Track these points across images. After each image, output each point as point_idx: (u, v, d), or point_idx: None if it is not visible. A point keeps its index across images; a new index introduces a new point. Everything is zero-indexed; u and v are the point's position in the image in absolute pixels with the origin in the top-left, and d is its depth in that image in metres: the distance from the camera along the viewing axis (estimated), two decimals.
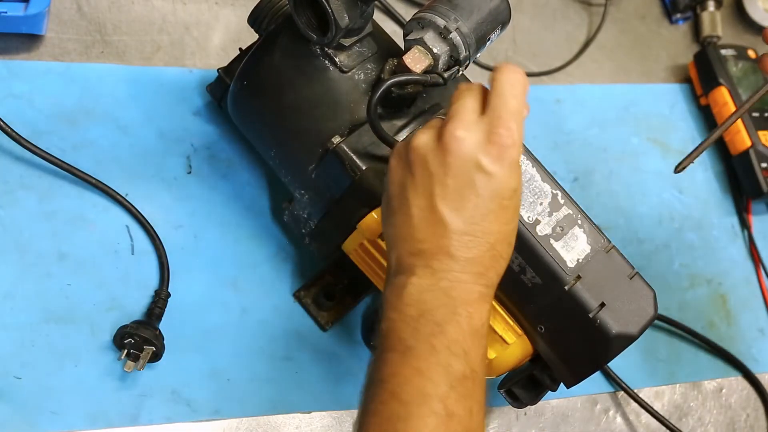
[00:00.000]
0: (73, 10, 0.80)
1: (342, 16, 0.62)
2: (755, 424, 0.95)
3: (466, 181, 0.53)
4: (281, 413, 0.74)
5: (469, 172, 0.53)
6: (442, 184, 0.53)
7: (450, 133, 0.53)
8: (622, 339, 0.62)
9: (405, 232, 0.55)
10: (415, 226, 0.54)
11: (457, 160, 0.53)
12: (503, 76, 0.55)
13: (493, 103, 0.54)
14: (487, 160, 0.53)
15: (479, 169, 0.53)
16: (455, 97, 0.56)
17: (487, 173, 0.53)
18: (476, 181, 0.53)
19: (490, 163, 0.53)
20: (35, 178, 0.73)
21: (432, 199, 0.54)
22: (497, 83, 0.55)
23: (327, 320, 0.78)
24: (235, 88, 0.71)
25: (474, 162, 0.53)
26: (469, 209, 0.53)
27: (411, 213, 0.55)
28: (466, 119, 0.54)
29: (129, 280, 0.73)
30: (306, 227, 0.73)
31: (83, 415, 0.68)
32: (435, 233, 0.54)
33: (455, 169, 0.53)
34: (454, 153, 0.53)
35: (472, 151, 0.53)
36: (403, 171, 0.56)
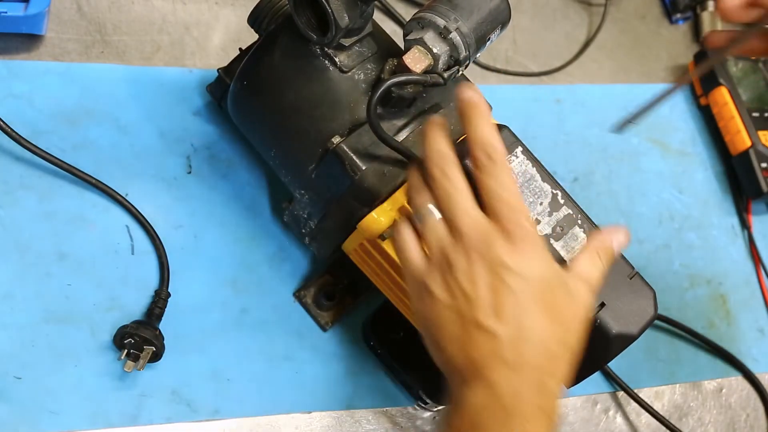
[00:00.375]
0: (73, 10, 0.80)
1: (342, 16, 0.62)
2: (755, 424, 0.95)
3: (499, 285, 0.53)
4: (281, 413, 0.74)
5: (499, 277, 0.53)
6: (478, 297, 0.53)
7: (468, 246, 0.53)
8: (622, 339, 0.62)
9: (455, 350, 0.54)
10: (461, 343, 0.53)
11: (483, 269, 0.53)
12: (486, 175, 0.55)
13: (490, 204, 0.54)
14: (513, 260, 0.53)
15: (507, 270, 0.53)
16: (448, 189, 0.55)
17: (515, 271, 0.53)
18: (509, 283, 0.53)
19: (515, 262, 0.53)
20: (35, 178, 0.73)
21: (473, 314, 0.53)
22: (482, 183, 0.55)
23: (327, 320, 0.78)
24: (235, 88, 0.71)
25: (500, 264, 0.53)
26: (509, 311, 0.52)
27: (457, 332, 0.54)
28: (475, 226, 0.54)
29: (129, 280, 0.73)
30: (306, 227, 0.73)
31: (83, 415, 0.68)
32: (485, 345, 0.53)
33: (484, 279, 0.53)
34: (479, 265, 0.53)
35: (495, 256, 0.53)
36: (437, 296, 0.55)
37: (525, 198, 0.62)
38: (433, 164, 0.56)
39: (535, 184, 0.62)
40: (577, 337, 0.55)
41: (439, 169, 0.55)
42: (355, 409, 0.76)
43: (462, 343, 0.53)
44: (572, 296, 0.55)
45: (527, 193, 0.62)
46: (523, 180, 0.62)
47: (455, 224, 0.54)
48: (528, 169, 0.63)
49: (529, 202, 0.62)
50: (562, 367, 0.54)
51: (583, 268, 0.57)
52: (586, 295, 0.56)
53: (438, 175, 0.55)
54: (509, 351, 0.52)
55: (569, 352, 0.55)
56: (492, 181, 0.54)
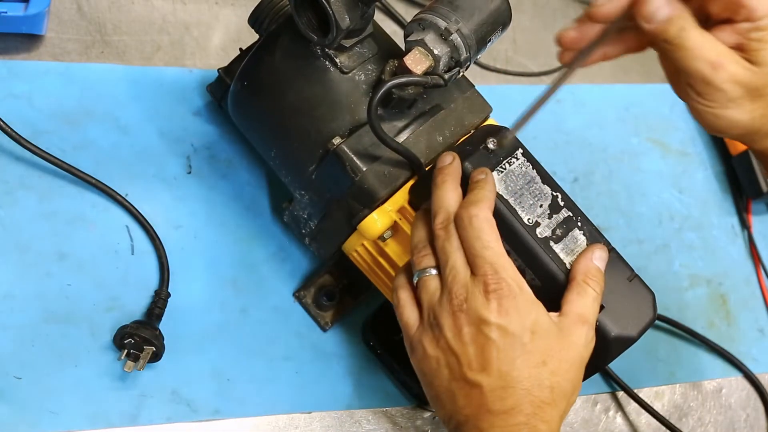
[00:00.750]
0: (73, 10, 0.80)
1: (343, 17, 0.61)
2: (755, 424, 0.95)
3: (483, 339, 0.56)
4: (281, 413, 0.74)
5: (482, 332, 0.56)
6: (465, 354, 0.57)
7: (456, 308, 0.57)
8: (621, 341, 0.62)
9: (447, 404, 0.58)
10: (453, 397, 0.58)
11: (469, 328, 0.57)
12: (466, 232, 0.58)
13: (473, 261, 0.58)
14: (492, 315, 0.56)
15: (489, 325, 0.56)
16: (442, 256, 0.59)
17: (496, 325, 0.56)
18: (491, 336, 0.56)
19: (495, 317, 0.56)
20: (35, 178, 0.73)
21: (461, 369, 0.57)
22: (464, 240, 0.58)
23: (327, 320, 0.78)
24: (236, 89, 0.71)
25: (482, 321, 0.56)
26: (494, 363, 0.56)
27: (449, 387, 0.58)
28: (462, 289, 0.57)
29: (129, 280, 0.73)
30: (306, 227, 0.73)
31: (83, 415, 0.68)
32: (473, 397, 0.56)
33: (470, 336, 0.57)
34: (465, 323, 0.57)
35: (477, 313, 0.56)
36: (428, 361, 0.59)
37: (525, 200, 0.62)
38: (439, 221, 0.60)
39: (535, 186, 0.63)
40: (569, 378, 0.58)
41: (445, 228, 0.59)
42: (355, 409, 0.76)
43: (453, 396, 0.57)
44: (564, 339, 0.58)
45: (527, 195, 0.62)
46: (523, 182, 0.62)
47: (446, 281, 0.58)
48: (528, 171, 0.63)
49: (530, 204, 0.62)
50: (553, 412, 0.56)
51: (573, 305, 0.59)
52: (581, 334, 0.58)
53: (440, 234, 0.59)
54: (494, 401, 0.55)
55: (561, 395, 0.57)
56: (473, 239, 0.58)
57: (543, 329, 0.57)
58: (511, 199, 0.61)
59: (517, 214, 0.61)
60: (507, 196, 0.61)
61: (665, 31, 0.55)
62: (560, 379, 0.57)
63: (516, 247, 0.61)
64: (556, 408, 0.56)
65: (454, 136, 0.68)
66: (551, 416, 0.56)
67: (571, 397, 0.58)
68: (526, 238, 0.61)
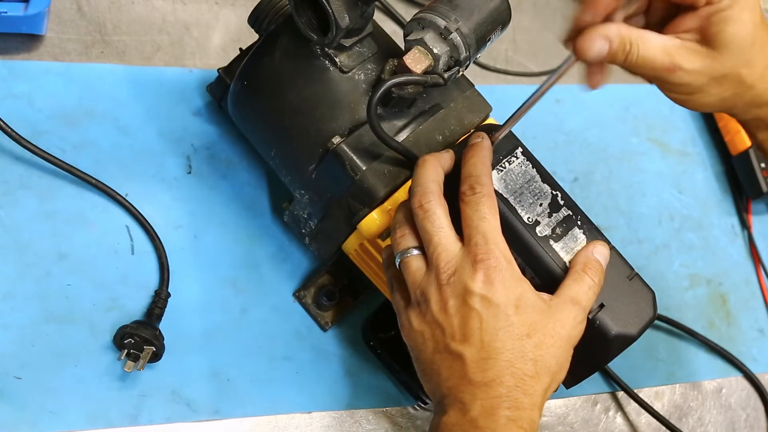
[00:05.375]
0: (73, 10, 0.80)
1: (342, 17, 0.62)
2: (755, 424, 0.95)
3: (467, 310, 0.56)
4: (281, 413, 0.74)
5: (466, 302, 0.56)
6: (449, 325, 0.56)
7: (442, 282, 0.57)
8: (621, 340, 0.62)
9: (432, 377, 0.58)
10: (437, 369, 0.57)
11: (454, 299, 0.56)
12: (466, 205, 0.58)
13: (466, 233, 0.57)
14: (478, 285, 0.56)
15: (473, 296, 0.56)
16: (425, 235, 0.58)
17: (481, 296, 0.56)
18: (475, 306, 0.56)
19: (481, 287, 0.56)
20: (35, 178, 0.73)
21: (445, 341, 0.57)
22: (462, 212, 0.58)
23: (327, 320, 0.78)
24: (236, 88, 0.71)
25: (468, 291, 0.56)
26: (476, 334, 0.56)
27: (434, 362, 0.58)
28: (449, 263, 0.57)
29: (129, 280, 0.73)
30: (306, 227, 0.73)
31: (83, 415, 0.68)
32: (455, 369, 0.56)
33: (455, 307, 0.56)
34: (450, 296, 0.57)
35: (463, 284, 0.56)
36: (415, 336, 0.59)
37: (525, 199, 0.62)
38: (414, 201, 0.59)
39: (534, 185, 0.62)
40: (555, 354, 0.57)
41: (421, 206, 0.58)
42: (355, 409, 0.76)
43: (438, 369, 0.57)
44: (552, 315, 0.57)
45: (527, 194, 0.62)
46: (522, 181, 0.62)
47: (431, 259, 0.58)
48: (528, 170, 0.63)
49: (529, 203, 0.62)
50: (536, 385, 0.56)
51: (567, 289, 0.59)
52: (570, 313, 0.58)
53: (419, 212, 0.59)
54: (476, 372, 0.55)
55: (544, 369, 0.57)
56: (472, 212, 0.57)
57: (529, 304, 0.57)
58: (511, 197, 0.61)
59: (517, 212, 0.61)
60: (506, 194, 0.61)
61: (613, 59, 0.57)
62: (544, 353, 0.56)
63: (516, 246, 0.61)
64: (540, 382, 0.56)
65: (454, 135, 0.68)
66: (534, 389, 0.56)
67: (557, 374, 0.57)
68: (526, 237, 0.61)
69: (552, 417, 0.84)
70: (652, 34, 0.58)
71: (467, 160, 0.59)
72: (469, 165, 0.59)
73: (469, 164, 0.59)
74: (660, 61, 0.57)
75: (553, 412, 0.85)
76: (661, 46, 0.57)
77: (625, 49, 0.57)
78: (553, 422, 0.84)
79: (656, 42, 0.57)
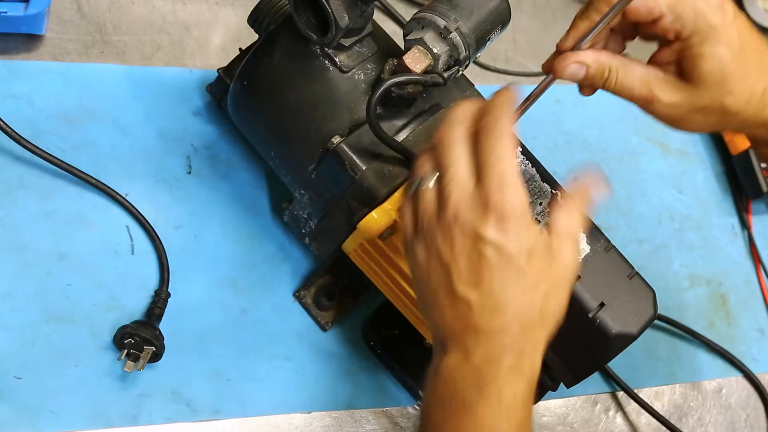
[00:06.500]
0: (73, 10, 0.80)
1: (342, 16, 0.62)
2: (755, 424, 0.95)
3: (477, 256, 0.53)
4: (281, 413, 0.74)
5: (477, 248, 0.53)
6: (457, 267, 0.54)
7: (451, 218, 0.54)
8: (621, 339, 0.62)
9: (437, 319, 0.56)
10: (441, 309, 0.55)
11: (463, 241, 0.54)
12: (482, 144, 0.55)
13: (481, 172, 0.54)
14: (490, 231, 0.53)
15: (485, 242, 0.53)
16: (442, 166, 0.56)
17: (493, 243, 0.53)
18: (486, 254, 0.53)
19: (493, 234, 0.53)
20: (35, 178, 0.73)
21: (451, 283, 0.54)
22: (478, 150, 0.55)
23: (327, 320, 0.78)
24: (235, 88, 0.71)
25: (478, 236, 0.53)
26: (486, 282, 0.54)
27: (438, 301, 0.56)
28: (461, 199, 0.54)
29: (129, 280, 0.73)
30: (306, 227, 0.73)
31: (83, 415, 0.68)
32: (460, 313, 0.54)
33: (464, 250, 0.54)
34: (459, 236, 0.54)
35: (473, 227, 0.53)
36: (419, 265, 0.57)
37: None
38: (438, 132, 0.57)
39: (534, 184, 0.63)
40: (559, 299, 0.56)
41: (442, 138, 0.56)
42: (355, 409, 0.76)
43: (442, 309, 0.55)
44: (555, 259, 0.55)
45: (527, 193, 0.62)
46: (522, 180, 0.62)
47: (443, 193, 0.55)
48: (527, 169, 0.63)
49: (529, 202, 0.62)
50: (540, 333, 0.55)
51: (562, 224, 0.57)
52: (570, 252, 0.56)
53: (438, 144, 0.56)
54: (483, 319, 0.54)
55: (550, 316, 0.56)
56: (488, 151, 0.54)
57: (539, 252, 0.55)
58: None
59: None
60: None
61: (592, 82, 0.59)
62: (551, 300, 0.55)
63: None
64: (544, 329, 0.55)
65: None
66: (538, 337, 0.55)
67: (560, 317, 0.56)
68: None
69: (552, 417, 0.84)
70: (635, 64, 0.59)
71: (493, 100, 0.56)
72: (494, 103, 0.55)
73: (495, 103, 0.55)
74: (638, 92, 0.58)
75: (553, 412, 0.85)
76: (641, 77, 0.59)
77: (603, 75, 0.58)
78: (553, 422, 0.84)
79: (637, 72, 0.59)
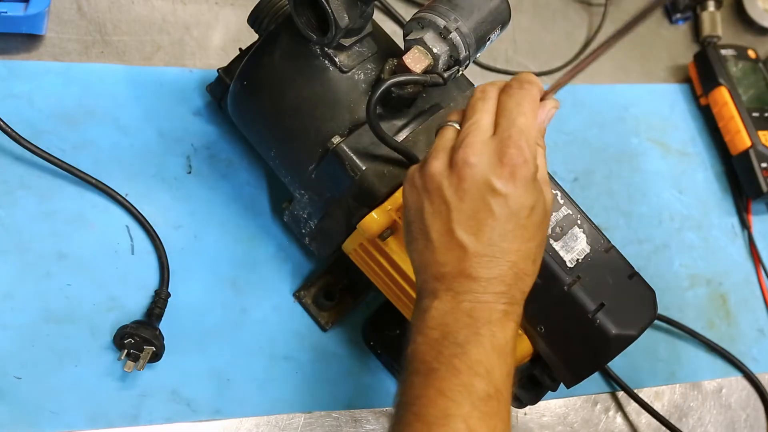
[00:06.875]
0: (73, 10, 0.80)
1: (342, 16, 0.62)
2: (755, 424, 0.95)
3: (482, 204, 0.53)
4: (281, 413, 0.74)
5: (483, 196, 0.53)
6: (458, 210, 0.54)
7: (462, 159, 0.54)
8: (621, 339, 0.62)
9: (427, 257, 0.55)
10: (435, 250, 0.55)
11: (471, 186, 0.53)
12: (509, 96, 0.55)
13: (501, 123, 0.54)
14: (500, 182, 0.53)
15: (493, 192, 0.53)
16: (469, 111, 0.56)
17: (501, 194, 0.53)
18: (491, 204, 0.53)
19: (503, 185, 0.53)
20: (35, 178, 0.73)
21: (450, 224, 0.54)
22: (502, 103, 0.55)
23: (327, 320, 0.78)
24: (235, 88, 0.71)
25: (487, 185, 0.53)
26: (486, 231, 0.53)
27: (431, 238, 0.55)
28: (477, 142, 0.54)
29: (129, 280, 0.73)
30: (306, 227, 0.73)
31: (83, 415, 0.68)
32: (455, 257, 0.54)
33: (470, 195, 0.53)
34: (468, 179, 0.53)
35: (484, 174, 0.53)
36: (418, 197, 0.56)
37: None
38: (479, 88, 0.57)
39: None
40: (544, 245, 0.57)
41: (483, 90, 0.57)
42: (355, 409, 0.76)
43: (435, 248, 0.55)
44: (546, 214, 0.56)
45: None
46: None
47: (462, 135, 0.55)
48: None
49: None
50: (530, 281, 0.56)
51: None
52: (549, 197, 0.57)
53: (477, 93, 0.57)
54: (478, 267, 0.54)
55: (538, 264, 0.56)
56: (513, 105, 0.55)
57: (540, 206, 0.55)
58: None
59: None
60: None
61: None
62: (540, 249, 0.56)
63: None
64: (533, 277, 0.56)
65: None
66: (528, 285, 0.56)
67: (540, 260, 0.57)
68: None
69: (552, 417, 0.84)
70: None
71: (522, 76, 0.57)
72: (524, 75, 0.57)
73: (524, 75, 0.57)
74: None
75: (553, 412, 0.85)
76: None
77: None
78: (553, 422, 0.84)
79: None
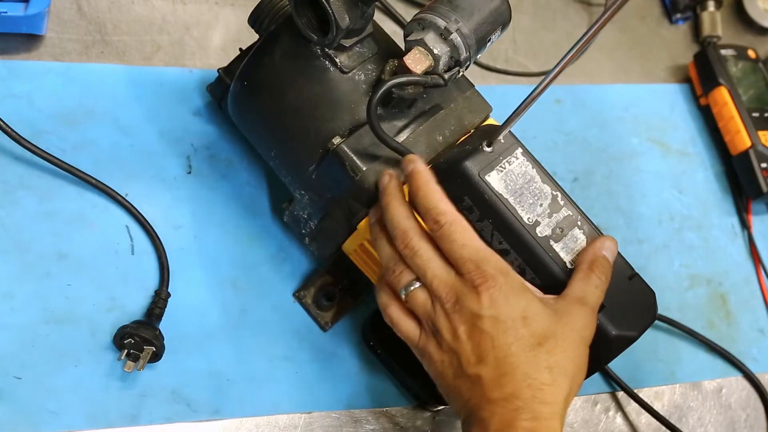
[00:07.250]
0: (73, 10, 0.80)
1: (342, 17, 0.62)
2: (755, 424, 0.95)
3: (477, 333, 0.57)
4: (281, 413, 0.74)
5: (476, 326, 0.57)
6: (463, 349, 0.58)
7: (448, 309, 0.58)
8: (621, 340, 0.62)
9: (456, 399, 0.60)
10: (459, 391, 0.59)
11: (464, 326, 0.58)
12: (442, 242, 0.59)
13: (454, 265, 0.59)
14: (485, 308, 0.57)
15: (482, 319, 0.57)
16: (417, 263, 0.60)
17: (487, 317, 0.57)
18: (484, 328, 0.57)
19: (484, 309, 0.57)
20: (35, 178, 0.73)
21: (461, 365, 0.58)
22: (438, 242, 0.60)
23: (327, 320, 0.78)
24: (236, 89, 0.71)
25: (475, 316, 0.57)
26: (490, 353, 0.57)
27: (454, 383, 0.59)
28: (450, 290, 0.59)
29: (129, 280, 0.73)
30: (306, 227, 0.73)
31: (83, 415, 0.68)
32: (475, 390, 0.58)
33: (465, 333, 0.58)
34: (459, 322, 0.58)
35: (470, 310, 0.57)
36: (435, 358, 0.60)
37: (525, 200, 0.62)
38: (398, 243, 0.61)
39: (534, 185, 0.63)
40: (570, 357, 0.58)
41: (405, 246, 0.60)
42: (355, 409, 0.76)
43: (459, 392, 0.59)
44: (559, 320, 0.58)
45: (527, 194, 0.62)
46: (523, 182, 0.62)
47: (432, 290, 0.59)
48: (528, 170, 0.63)
49: (529, 203, 0.62)
50: (555, 392, 0.57)
51: (573, 289, 0.60)
52: (578, 315, 0.59)
53: (405, 252, 0.60)
54: (493, 389, 0.56)
55: (561, 375, 0.57)
56: (448, 244, 0.59)
57: (536, 312, 0.58)
58: (511, 198, 0.61)
59: (517, 213, 0.61)
60: (506, 195, 0.61)
61: None
62: (559, 358, 0.57)
63: (516, 246, 0.61)
64: (559, 388, 0.57)
65: (454, 135, 0.68)
66: (554, 397, 0.56)
67: (576, 376, 0.58)
68: (526, 237, 0.61)
69: None
70: None
71: (415, 194, 0.60)
72: (419, 199, 0.60)
73: (419, 198, 0.60)
74: None
75: None
76: None
77: None
78: None
79: None
